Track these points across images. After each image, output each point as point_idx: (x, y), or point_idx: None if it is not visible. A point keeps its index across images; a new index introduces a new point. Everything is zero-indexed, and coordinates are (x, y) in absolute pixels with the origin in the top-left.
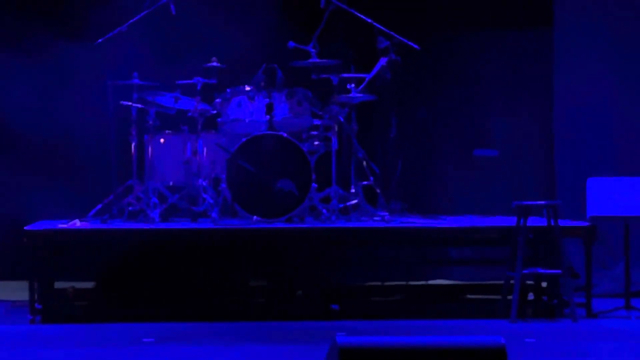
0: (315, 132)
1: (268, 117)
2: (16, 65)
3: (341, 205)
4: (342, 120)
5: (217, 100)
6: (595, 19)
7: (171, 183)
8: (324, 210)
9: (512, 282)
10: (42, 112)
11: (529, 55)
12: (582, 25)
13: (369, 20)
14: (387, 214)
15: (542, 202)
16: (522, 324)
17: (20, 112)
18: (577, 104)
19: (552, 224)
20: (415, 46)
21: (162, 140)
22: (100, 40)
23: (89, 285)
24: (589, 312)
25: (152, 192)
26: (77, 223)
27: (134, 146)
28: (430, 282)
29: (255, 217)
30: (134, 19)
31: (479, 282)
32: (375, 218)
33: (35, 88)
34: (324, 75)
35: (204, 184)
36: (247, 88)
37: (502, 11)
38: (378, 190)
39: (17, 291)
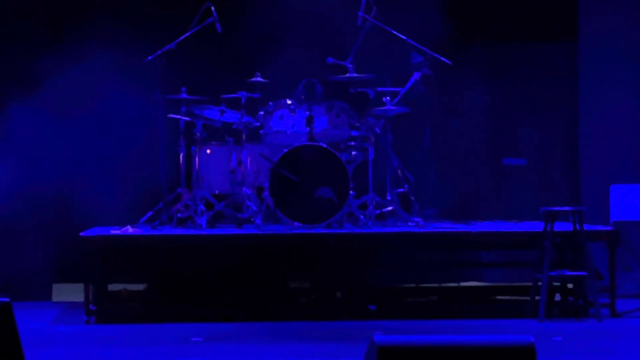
0: (352, 143)
1: (308, 128)
2: (72, 81)
3: (377, 212)
4: (378, 131)
5: (260, 113)
6: (618, 32)
7: (217, 191)
8: (361, 217)
9: (539, 283)
10: (97, 125)
11: (555, 67)
12: (605, 38)
13: (404, 37)
14: (421, 219)
15: (568, 208)
16: (549, 323)
17: (78, 125)
18: (601, 113)
19: (578, 228)
20: (447, 61)
21: (208, 151)
22: (150, 57)
23: (141, 287)
24: (613, 312)
25: (200, 200)
26: (129, 229)
27: (182, 157)
28: (462, 284)
29: (296, 223)
30: (182, 37)
31: (509, 284)
32: (410, 223)
33: (90, 103)
34: (361, 89)
35: (248, 192)
36: (289, 101)
37: (530, 25)
38: (412, 198)
39: (73, 293)
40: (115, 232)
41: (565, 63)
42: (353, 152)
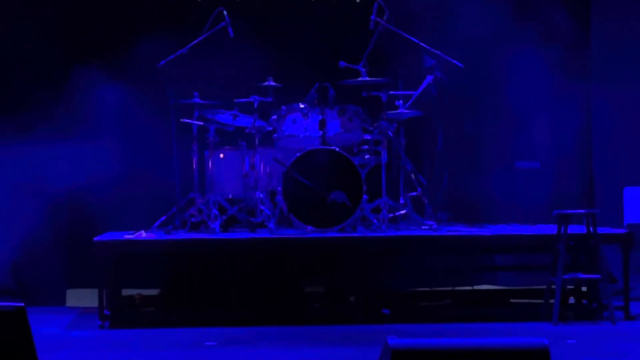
0: (365, 147)
1: (321, 132)
2: (89, 87)
3: (391, 215)
4: (391, 135)
5: (273, 117)
6: (631, 35)
7: (230, 196)
8: (375, 220)
9: (553, 286)
10: (110, 130)
11: (568, 70)
12: (618, 41)
13: (416, 41)
14: (434, 223)
15: (582, 211)
16: (563, 326)
17: (90, 131)
18: (614, 116)
19: (592, 231)
20: (460, 64)
21: (221, 155)
22: (162, 62)
23: (155, 292)
24: (627, 315)
25: (213, 205)
26: (143, 234)
27: (195, 161)
28: (476, 287)
29: (310, 227)
30: (194, 42)
31: (522, 287)
32: (423, 227)
33: (102, 109)
34: (374, 93)
35: (262, 196)
36: (301, 105)
37: (542, 29)
38: (425, 201)
39: (87, 298)
40: (128, 236)
41: (578, 66)
42: (366, 156)
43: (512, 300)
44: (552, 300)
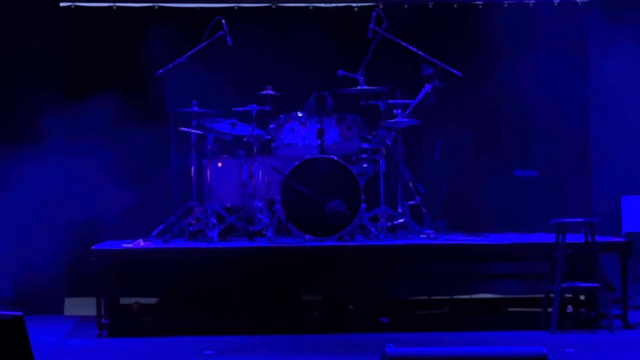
0: (364, 155)
1: (319, 141)
2: (87, 95)
3: (389, 224)
4: (389, 143)
5: (272, 126)
6: (628, 43)
7: (229, 204)
8: (373, 229)
9: (552, 295)
10: (109, 139)
11: (566, 79)
12: (615, 51)
13: (414, 49)
14: (432, 231)
15: (580, 220)
16: (561, 335)
17: (89, 140)
18: (612, 125)
19: (590, 240)
20: (458, 73)
21: (219, 164)
22: (161, 71)
23: (153, 300)
24: (625, 324)
25: (211, 213)
26: (141, 242)
27: (194, 170)
28: (474, 296)
29: (308, 235)
30: (193, 51)
31: (521, 296)
32: (422, 236)
33: (101, 117)
34: (372, 101)
35: (260, 205)
36: (300, 114)
37: (540, 38)
38: (424, 210)
39: (85, 307)
40: (126, 245)
41: (576, 74)
42: (364, 165)
43: (510, 309)
44: (550, 309)
